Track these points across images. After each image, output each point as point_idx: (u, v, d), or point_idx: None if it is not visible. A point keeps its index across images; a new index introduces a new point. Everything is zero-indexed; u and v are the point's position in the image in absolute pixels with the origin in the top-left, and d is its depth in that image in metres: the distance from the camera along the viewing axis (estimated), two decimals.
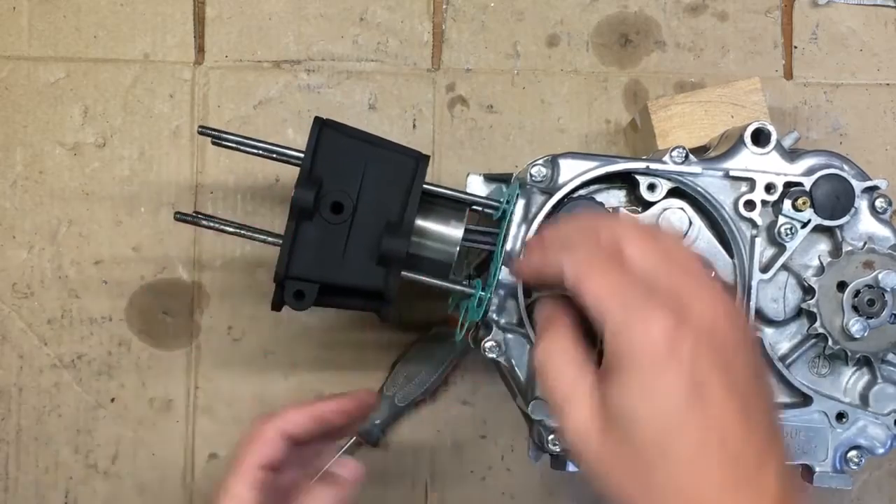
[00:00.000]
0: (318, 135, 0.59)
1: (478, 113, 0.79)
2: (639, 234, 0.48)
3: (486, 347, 0.60)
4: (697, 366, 0.43)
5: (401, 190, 0.60)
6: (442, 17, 0.79)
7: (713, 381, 0.43)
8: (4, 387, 0.77)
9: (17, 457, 0.77)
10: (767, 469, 0.43)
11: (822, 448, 0.62)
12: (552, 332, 0.49)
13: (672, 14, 0.80)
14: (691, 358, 0.43)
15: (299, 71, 0.78)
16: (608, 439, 0.44)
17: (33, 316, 0.77)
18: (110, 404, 0.77)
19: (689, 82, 0.79)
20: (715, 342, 0.44)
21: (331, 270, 0.59)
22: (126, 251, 0.77)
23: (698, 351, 0.43)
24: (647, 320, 0.43)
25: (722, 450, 0.42)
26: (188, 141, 0.78)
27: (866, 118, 0.80)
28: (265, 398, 0.77)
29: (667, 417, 0.43)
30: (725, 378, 0.43)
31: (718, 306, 0.45)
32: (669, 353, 0.43)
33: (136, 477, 0.77)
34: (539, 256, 0.51)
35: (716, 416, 0.43)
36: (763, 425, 0.44)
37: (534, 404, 0.59)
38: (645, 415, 0.43)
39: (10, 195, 0.77)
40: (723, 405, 0.43)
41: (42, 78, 0.77)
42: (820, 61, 0.80)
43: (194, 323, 0.78)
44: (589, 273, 0.46)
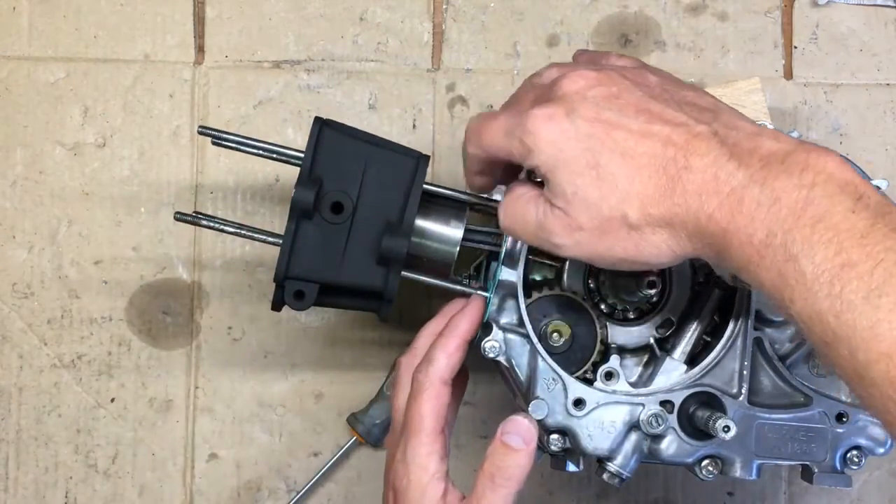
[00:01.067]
0: (318, 135, 0.59)
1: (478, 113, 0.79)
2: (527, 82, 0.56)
3: (486, 347, 0.60)
4: (583, 124, 0.49)
5: (401, 190, 0.60)
6: (442, 17, 0.79)
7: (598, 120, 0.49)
8: (4, 387, 0.77)
9: (17, 457, 0.77)
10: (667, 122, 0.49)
11: (822, 448, 0.62)
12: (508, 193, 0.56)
13: (672, 14, 0.80)
14: (572, 124, 0.50)
15: (299, 71, 0.78)
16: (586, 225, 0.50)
17: (33, 316, 0.77)
18: (110, 404, 0.77)
19: (689, 82, 0.79)
20: (588, 98, 0.50)
21: (331, 270, 0.59)
22: (126, 251, 0.77)
23: (578, 114, 0.50)
24: (529, 129, 0.50)
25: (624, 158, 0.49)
26: (188, 141, 0.78)
27: (866, 118, 0.80)
28: (265, 398, 0.77)
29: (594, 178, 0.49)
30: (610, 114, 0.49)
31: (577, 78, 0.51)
32: (557, 134, 0.50)
33: (136, 477, 0.77)
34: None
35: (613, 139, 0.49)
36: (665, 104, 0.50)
37: (534, 404, 0.59)
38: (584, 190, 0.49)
39: (10, 195, 0.77)
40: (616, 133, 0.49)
41: (42, 78, 0.77)
42: (820, 61, 0.80)
43: (194, 323, 0.78)
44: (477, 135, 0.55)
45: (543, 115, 0.50)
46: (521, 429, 0.56)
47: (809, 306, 0.44)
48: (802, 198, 0.44)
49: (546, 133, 0.50)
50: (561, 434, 0.60)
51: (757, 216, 0.45)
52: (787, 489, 0.79)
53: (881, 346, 0.41)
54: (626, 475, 0.60)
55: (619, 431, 0.60)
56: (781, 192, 0.45)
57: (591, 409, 0.60)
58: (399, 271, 0.59)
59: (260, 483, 0.77)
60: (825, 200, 0.44)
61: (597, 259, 0.51)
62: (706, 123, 0.49)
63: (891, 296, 0.41)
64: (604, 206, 0.49)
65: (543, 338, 0.61)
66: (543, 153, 0.50)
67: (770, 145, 0.47)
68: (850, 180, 0.45)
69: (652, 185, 0.48)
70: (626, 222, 0.49)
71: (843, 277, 0.42)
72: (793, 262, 0.44)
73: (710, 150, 0.47)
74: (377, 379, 0.78)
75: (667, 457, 0.61)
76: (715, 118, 0.50)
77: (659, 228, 0.49)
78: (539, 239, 0.53)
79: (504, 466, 0.56)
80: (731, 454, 0.61)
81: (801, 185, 0.45)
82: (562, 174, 0.50)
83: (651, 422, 0.60)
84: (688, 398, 0.60)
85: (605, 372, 0.61)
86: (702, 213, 0.47)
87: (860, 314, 0.42)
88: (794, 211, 0.44)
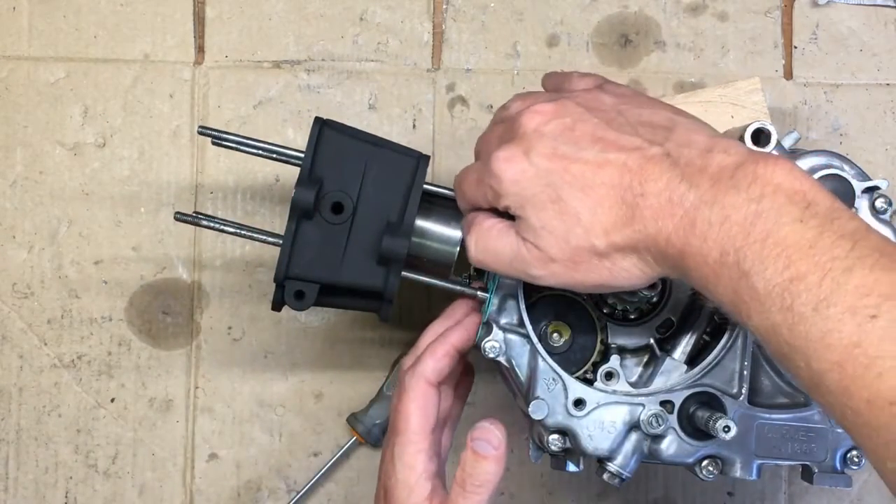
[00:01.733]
0: (318, 135, 0.59)
1: (478, 113, 0.79)
2: (489, 133, 0.57)
3: (486, 348, 0.60)
4: (540, 160, 0.51)
5: (401, 190, 0.60)
6: (442, 17, 0.79)
7: (553, 156, 0.51)
8: (4, 387, 0.77)
9: (17, 457, 0.77)
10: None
11: (822, 448, 0.62)
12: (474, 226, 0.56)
13: (672, 14, 0.80)
14: (532, 162, 0.51)
15: (299, 71, 0.78)
16: (559, 257, 0.51)
17: (33, 316, 0.77)
18: (110, 404, 0.77)
19: (689, 82, 0.79)
20: (544, 134, 0.52)
21: (331, 270, 0.59)
22: (126, 251, 0.77)
23: (536, 151, 0.51)
24: (495, 173, 0.52)
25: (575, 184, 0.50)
26: (188, 141, 0.78)
27: (866, 118, 0.80)
28: (265, 398, 0.77)
29: (556, 212, 0.51)
30: (566, 148, 0.51)
31: (534, 115, 0.53)
32: (519, 174, 0.51)
33: (136, 477, 0.77)
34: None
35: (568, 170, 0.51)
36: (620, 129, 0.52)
37: (534, 404, 0.59)
38: (550, 225, 0.51)
39: (10, 195, 0.77)
40: (573, 166, 0.50)
41: (42, 78, 0.77)
42: (820, 61, 0.80)
43: (194, 323, 0.78)
44: (458, 190, 0.58)
45: (504, 157, 0.52)
46: (490, 435, 0.56)
47: (765, 321, 0.44)
48: (752, 212, 0.45)
49: (509, 175, 0.52)
50: (561, 434, 0.60)
51: (709, 236, 0.46)
52: (787, 489, 0.79)
53: (832, 355, 0.41)
54: (626, 475, 0.60)
55: (619, 431, 0.60)
56: (731, 209, 0.45)
57: (592, 410, 0.60)
58: (399, 271, 0.59)
59: (260, 483, 0.77)
60: (773, 213, 0.44)
61: (575, 286, 0.53)
62: (659, 144, 0.49)
63: (838, 305, 0.41)
64: (571, 238, 0.50)
65: (543, 338, 0.61)
66: (510, 194, 0.52)
67: (720, 160, 0.47)
68: (799, 189, 0.45)
69: (613, 214, 0.49)
70: (594, 252, 0.50)
71: (793, 290, 0.43)
72: (745, 279, 0.44)
73: (663, 174, 0.48)
74: (377, 379, 0.78)
75: (667, 457, 0.61)
76: (668, 137, 0.50)
77: (627, 254, 0.50)
78: (515, 270, 0.54)
79: (474, 473, 0.56)
80: (731, 454, 0.61)
81: (749, 199, 0.45)
82: (529, 211, 0.52)
83: (651, 422, 0.60)
84: (688, 398, 0.60)
85: (605, 372, 0.61)
86: (660, 237, 0.48)
87: (811, 325, 0.42)
88: (744, 227, 0.45)
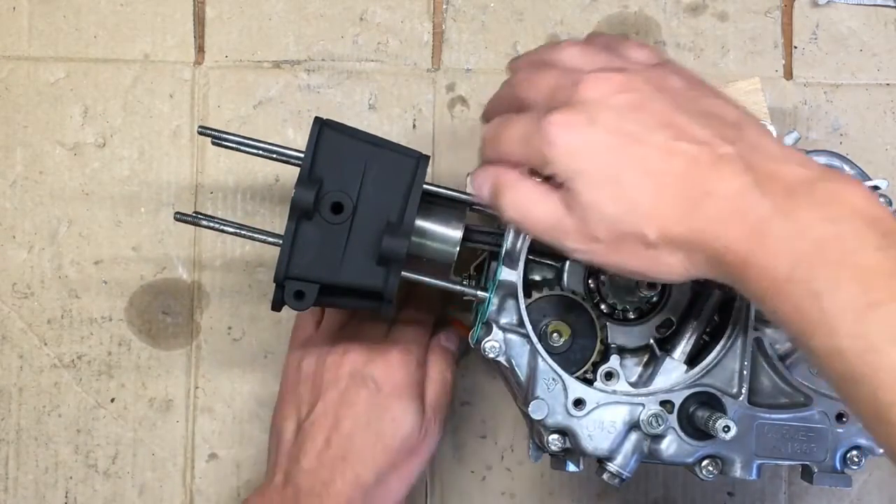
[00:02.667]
0: (318, 135, 0.59)
1: (478, 113, 0.78)
2: (524, 79, 0.54)
3: (486, 347, 0.60)
4: (606, 136, 0.48)
5: (401, 190, 0.60)
6: (442, 17, 0.79)
7: (622, 130, 0.48)
8: (4, 387, 0.77)
9: (17, 457, 0.77)
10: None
11: (822, 448, 0.62)
12: (509, 185, 0.53)
13: (672, 14, 0.80)
14: (596, 135, 0.48)
15: (299, 71, 0.78)
16: (602, 236, 0.49)
17: (33, 316, 0.77)
18: (110, 404, 0.77)
19: None
20: (611, 106, 0.48)
21: (331, 270, 0.59)
22: (126, 251, 0.77)
23: (601, 124, 0.48)
24: (549, 138, 0.49)
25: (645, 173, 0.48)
26: (188, 141, 0.78)
27: (866, 118, 0.80)
28: (265, 398, 0.77)
29: (616, 192, 0.48)
30: (634, 127, 0.48)
31: (600, 83, 0.49)
32: (580, 145, 0.48)
33: (136, 477, 0.77)
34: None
35: (639, 148, 0.48)
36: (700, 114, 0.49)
37: (534, 404, 0.59)
38: (603, 203, 0.48)
39: (10, 195, 0.77)
40: (639, 148, 0.48)
41: (42, 78, 0.77)
42: (820, 61, 0.80)
43: (194, 323, 0.78)
44: (494, 143, 0.54)
45: (562, 122, 0.49)
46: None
47: (829, 344, 0.43)
48: (829, 233, 0.43)
49: (565, 142, 0.48)
50: (561, 434, 0.60)
51: (780, 250, 0.44)
52: (787, 489, 0.79)
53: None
54: (626, 475, 0.60)
55: (619, 431, 0.60)
56: (807, 225, 0.44)
57: (591, 409, 0.60)
58: (399, 271, 0.59)
59: (260, 483, 0.77)
60: (852, 236, 0.43)
61: (609, 267, 0.51)
62: (731, 143, 0.47)
63: None
64: (623, 222, 0.48)
65: (543, 338, 0.61)
66: (562, 163, 0.49)
67: (796, 172, 0.46)
68: (879, 216, 0.44)
69: (673, 207, 0.47)
70: (643, 240, 0.48)
71: (869, 318, 0.41)
72: (815, 300, 0.43)
73: (736, 176, 0.46)
74: None
75: (667, 457, 0.61)
76: (740, 136, 0.48)
77: (676, 250, 0.48)
78: (550, 238, 0.51)
79: None
80: (731, 454, 0.61)
81: (827, 218, 0.44)
82: (581, 184, 0.48)
83: (651, 422, 0.60)
84: (688, 398, 0.60)
85: (605, 372, 0.61)
86: (720, 242, 0.46)
87: (885, 356, 0.41)
88: (820, 247, 0.43)
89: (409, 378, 0.65)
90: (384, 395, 0.64)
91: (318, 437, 0.63)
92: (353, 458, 0.62)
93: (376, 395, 0.64)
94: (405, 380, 0.65)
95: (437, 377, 0.68)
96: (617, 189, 0.48)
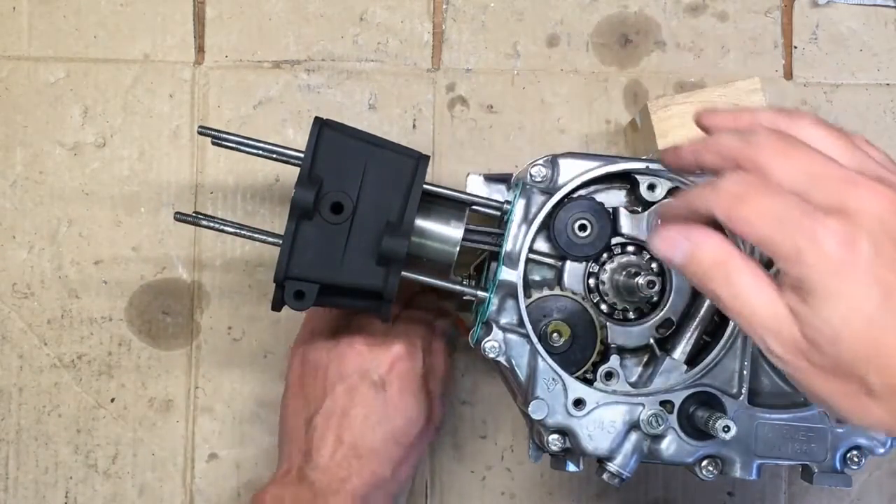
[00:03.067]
0: (318, 135, 0.59)
1: (478, 113, 0.79)
2: (781, 147, 0.47)
3: (486, 347, 0.60)
4: (880, 268, 0.42)
5: (401, 190, 0.60)
6: (442, 17, 0.79)
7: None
8: (4, 387, 0.77)
9: (17, 457, 0.77)
10: None
11: (822, 448, 0.62)
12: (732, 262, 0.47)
13: (672, 14, 0.80)
14: (871, 263, 0.42)
15: (299, 71, 0.78)
16: (818, 362, 0.44)
17: (33, 316, 0.77)
18: (110, 404, 0.77)
19: (689, 82, 0.79)
20: (890, 234, 0.43)
21: (331, 270, 0.59)
22: (126, 251, 0.77)
23: (878, 251, 0.42)
24: (816, 240, 0.43)
25: None
26: (188, 141, 0.78)
27: (866, 118, 0.80)
28: (265, 398, 0.77)
29: (865, 331, 0.43)
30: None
31: (881, 197, 0.44)
32: (850, 266, 0.42)
33: (136, 477, 0.77)
34: (684, 198, 0.50)
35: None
36: None
37: (534, 404, 0.59)
38: (844, 334, 0.43)
39: (10, 195, 0.77)
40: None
41: (42, 78, 0.77)
42: (820, 61, 0.80)
43: (194, 323, 0.78)
44: (738, 206, 0.45)
45: (840, 233, 0.43)
46: None
47: None
48: None
49: (836, 255, 0.43)
50: (561, 434, 0.60)
51: None
52: (787, 489, 0.79)
53: None
54: (626, 475, 0.60)
55: (619, 431, 0.60)
56: None
57: (591, 409, 0.60)
58: (399, 271, 0.59)
59: (260, 483, 0.77)
60: None
61: (802, 388, 0.47)
62: None
63: None
64: (857, 361, 0.43)
65: (543, 338, 0.61)
66: (820, 274, 0.43)
67: None
68: None
69: None
70: (865, 386, 0.44)
71: None
72: None
73: None
74: None
75: (667, 457, 0.61)
76: None
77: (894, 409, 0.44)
78: (753, 330, 0.46)
79: None
80: (731, 454, 0.61)
81: None
82: (830, 305, 0.43)
83: (651, 422, 0.60)
84: (688, 398, 0.60)
85: (604, 372, 0.61)
86: None
87: None
88: None
89: (414, 371, 0.66)
90: (392, 390, 0.65)
91: (329, 434, 0.64)
92: (368, 456, 0.64)
93: (383, 391, 0.65)
94: (410, 373, 0.66)
95: (439, 364, 0.70)
96: (868, 328, 0.43)
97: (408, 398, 0.65)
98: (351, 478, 0.63)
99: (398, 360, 0.66)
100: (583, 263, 0.62)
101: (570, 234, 0.61)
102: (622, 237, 0.62)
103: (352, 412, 0.64)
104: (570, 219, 0.61)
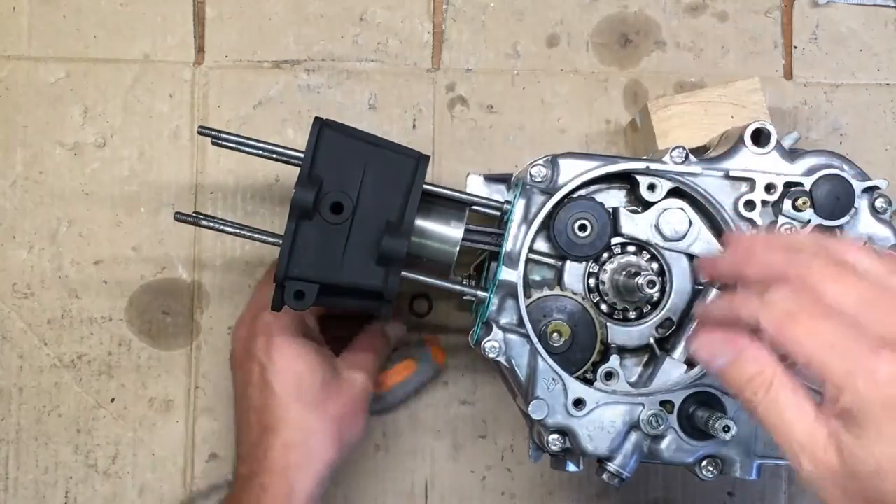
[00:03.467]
0: (318, 135, 0.59)
1: (478, 113, 0.79)
2: (833, 271, 0.46)
3: (486, 347, 0.60)
4: None
5: (401, 190, 0.60)
6: (442, 17, 0.79)
7: None
8: (4, 387, 0.77)
9: (17, 457, 0.77)
10: None
11: None
12: (775, 376, 0.47)
13: (672, 14, 0.80)
14: None
15: (299, 71, 0.78)
16: (851, 489, 0.44)
17: (33, 316, 0.77)
18: (110, 404, 0.77)
19: (689, 82, 0.79)
20: None
21: (331, 270, 0.59)
22: (126, 251, 0.77)
23: None
24: (870, 370, 0.42)
25: None
26: (188, 141, 0.78)
27: (866, 118, 0.80)
28: None
29: None
30: None
31: None
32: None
33: (136, 477, 0.77)
34: (727, 306, 0.49)
35: None
36: None
37: (534, 404, 0.59)
38: (889, 470, 0.42)
39: (10, 195, 0.77)
40: None
41: (42, 78, 0.77)
42: (820, 61, 0.80)
43: (194, 323, 0.78)
44: (790, 324, 0.45)
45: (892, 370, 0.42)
46: None
47: None
48: None
49: (889, 390, 0.42)
50: (561, 434, 0.60)
51: None
52: (787, 489, 0.79)
53: None
54: (625, 475, 0.60)
55: (619, 431, 0.60)
56: None
57: (591, 409, 0.60)
58: (399, 271, 0.59)
59: None
60: None
61: (821, 495, 0.46)
62: None
63: None
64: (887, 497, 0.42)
65: (543, 338, 0.61)
66: (871, 406, 0.42)
67: None
68: None
69: None
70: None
71: None
72: None
73: None
74: None
75: (667, 457, 0.61)
76: None
77: None
78: (785, 444, 0.46)
79: None
80: (731, 454, 0.61)
81: None
82: (878, 442, 0.42)
83: (651, 422, 0.60)
84: (688, 398, 0.60)
85: (604, 372, 0.61)
86: None
87: None
88: None
89: (359, 393, 0.69)
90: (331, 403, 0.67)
91: (275, 441, 0.65)
92: (312, 463, 0.66)
93: (323, 406, 0.67)
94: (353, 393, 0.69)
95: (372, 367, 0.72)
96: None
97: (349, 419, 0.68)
98: (298, 482, 0.66)
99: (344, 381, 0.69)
100: (583, 263, 0.62)
101: (570, 234, 0.61)
102: (622, 237, 0.62)
103: (292, 425, 0.67)
104: (570, 219, 0.61)
